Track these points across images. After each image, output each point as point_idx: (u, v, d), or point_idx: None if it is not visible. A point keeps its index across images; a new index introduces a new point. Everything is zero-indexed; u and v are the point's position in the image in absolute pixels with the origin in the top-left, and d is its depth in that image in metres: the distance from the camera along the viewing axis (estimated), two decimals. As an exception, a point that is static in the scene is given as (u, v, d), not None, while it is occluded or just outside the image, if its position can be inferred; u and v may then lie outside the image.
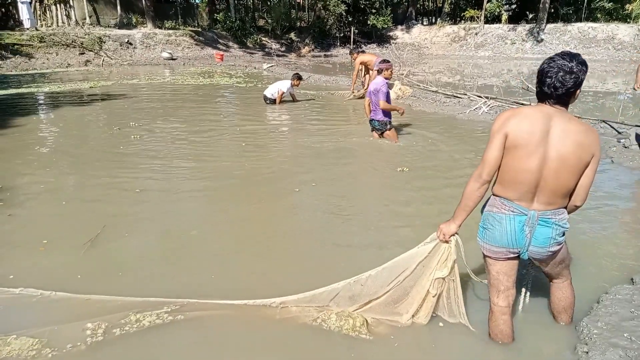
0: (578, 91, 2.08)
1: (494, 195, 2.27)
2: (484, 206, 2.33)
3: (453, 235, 2.35)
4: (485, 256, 2.35)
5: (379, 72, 6.44)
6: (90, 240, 3.58)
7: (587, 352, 2.28)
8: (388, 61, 6.62)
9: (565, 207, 2.20)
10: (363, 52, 11.44)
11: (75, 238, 3.61)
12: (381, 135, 6.69)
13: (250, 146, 6.62)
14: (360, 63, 10.37)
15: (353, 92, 10.76)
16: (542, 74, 2.09)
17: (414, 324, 2.55)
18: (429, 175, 5.29)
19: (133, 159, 5.85)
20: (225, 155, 6.18)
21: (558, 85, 2.04)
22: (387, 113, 6.48)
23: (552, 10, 27.80)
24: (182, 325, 2.57)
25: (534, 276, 2.69)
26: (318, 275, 3.07)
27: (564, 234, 2.23)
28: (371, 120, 6.68)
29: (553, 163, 2.06)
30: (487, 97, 9.76)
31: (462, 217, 2.31)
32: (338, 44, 29.78)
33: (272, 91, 9.82)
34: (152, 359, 2.36)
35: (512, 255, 2.26)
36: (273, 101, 9.77)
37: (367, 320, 2.56)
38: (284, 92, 9.79)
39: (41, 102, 10.27)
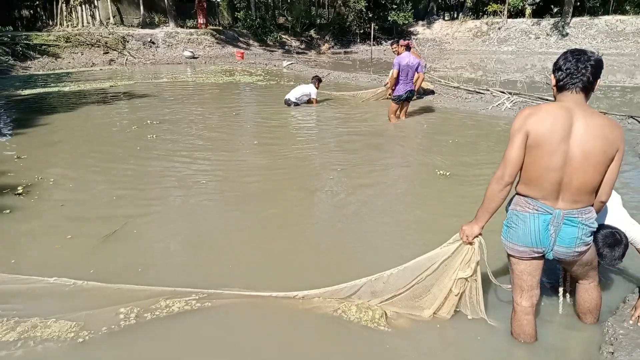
0: (598, 80, 2.08)
1: (518, 194, 2.22)
2: (508, 204, 2.28)
3: (476, 237, 2.32)
4: (509, 255, 2.31)
5: (409, 48, 7.54)
6: (106, 236, 3.66)
7: (612, 353, 2.22)
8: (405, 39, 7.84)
9: (592, 205, 2.15)
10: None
11: (96, 234, 3.70)
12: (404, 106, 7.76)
13: (272, 139, 6.67)
14: None
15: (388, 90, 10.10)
16: (565, 60, 2.07)
17: (435, 318, 2.55)
18: (472, 181, 4.94)
19: (153, 157, 5.93)
20: (246, 150, 6.23)
21: (589, 74, 2.03)
22: None
23: (578, 3, 27.10)
24: (210, 312, 2.69)
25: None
26: (339, 270, 3.09)
27: (591, 234, 2.17)
28: (410, 91, 7.54)
29: (577, 159, 2.01)
30: (510, 93, 9.57)
31: (485, 219, 2.27)
32: (358, 40, 29.65)
33: (296, 95, 9.38)
34: (182, 343, 2.47)
35: (536, 255, 2.20)
36: (295, 104, 9.37)
37: (386, 313, 2.59)
38: (316, 99, 9.57)
39: (64, 101, 10.50)
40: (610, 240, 2.37)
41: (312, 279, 2.90)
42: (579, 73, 2.03)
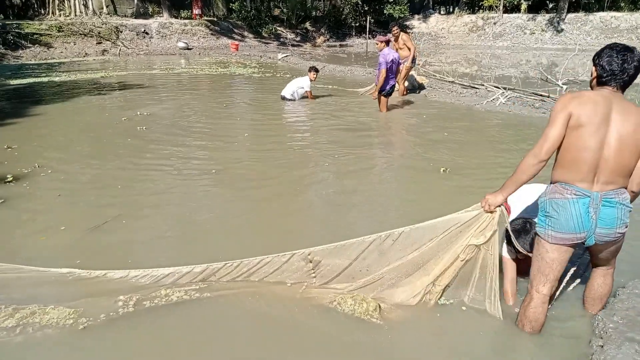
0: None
1: (553, 182, 2.26)
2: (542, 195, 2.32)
3: (499, 206, 2.35)
4: (543, 243, 2.29)
5: (388, 43, 7.68)
6: (95, 226, 3.65)
7: (602, 346, 2.26)
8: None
9: (626, 188, 2.20)
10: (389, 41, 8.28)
11: (87, 225, 3.70)
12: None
13: (265, 131, 6.66)
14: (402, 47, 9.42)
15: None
16: (610, 59, 2.14)
17: (428, 311, 2.58)
18: (474, 176, 4.91)
19: (145, 149, 5.90)
20: (238, 141, 6.21)
21: (631, 75, 2.13)
22: None
23: (573, -1, 27.16)
24: (208, 301, 2.72)
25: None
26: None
27: (628, 215, 2.21)
28: (393, 86, 7.75)
29: (614, 142, 2.10)
30: (504, 88, 9.61)
31: (511, 190, 2.30)
32: (353, 33, 29.57)
33: (290, 91, 9.15)
34: (180, 331, 2.50)
35: (577, 241, 2.22)
36: (290, 100, 9.14)
37: (379, 306, 2.62)
38: (310, 92, 9.17)
39: (55, 91, 10.40)
40: (519, 228, 2.52)
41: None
42: (624, 74, 2.14)
